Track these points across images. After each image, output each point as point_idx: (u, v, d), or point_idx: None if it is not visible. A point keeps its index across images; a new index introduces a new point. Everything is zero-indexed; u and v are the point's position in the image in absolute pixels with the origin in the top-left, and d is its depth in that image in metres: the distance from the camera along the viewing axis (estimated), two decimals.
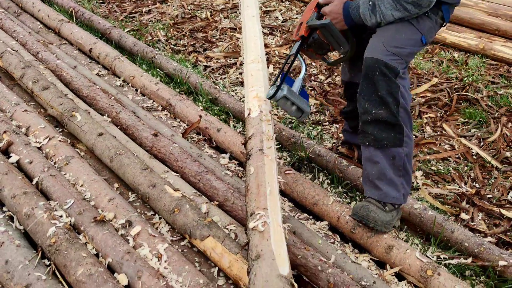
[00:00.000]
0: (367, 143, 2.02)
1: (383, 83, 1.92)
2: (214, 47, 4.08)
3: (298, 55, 2.18)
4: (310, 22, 2.12)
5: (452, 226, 2.12)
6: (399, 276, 1.95)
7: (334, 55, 3.78)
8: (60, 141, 2.35)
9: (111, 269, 1.76)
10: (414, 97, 3.42)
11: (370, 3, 1.96)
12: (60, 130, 2.63)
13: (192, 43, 4.10)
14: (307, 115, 2.18)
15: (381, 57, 1.91)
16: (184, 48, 4.02)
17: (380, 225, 1.98)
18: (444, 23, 2.11)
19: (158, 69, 3.44)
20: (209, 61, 3.84)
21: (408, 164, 2.02)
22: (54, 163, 2.26)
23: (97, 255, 1.82)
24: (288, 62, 2.16)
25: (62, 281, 1.70)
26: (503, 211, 2.36)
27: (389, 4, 1.92)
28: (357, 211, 2.01)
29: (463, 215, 2.35)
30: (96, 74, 3.31)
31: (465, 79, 3.62)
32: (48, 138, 2.37)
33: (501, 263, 1.95)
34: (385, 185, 2.00)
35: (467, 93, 3.40)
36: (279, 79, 2.16)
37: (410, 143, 2.02)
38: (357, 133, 2.54)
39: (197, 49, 4.03)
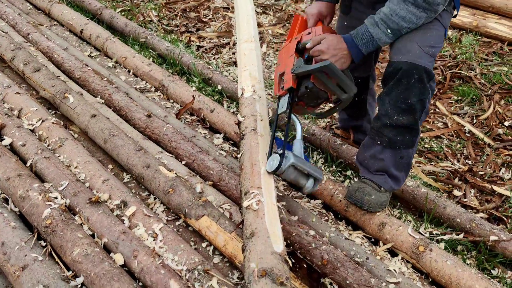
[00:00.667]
0: (378, 142, 1.94)
1: (416, 90, 1.78)
2: (207, 27, 4.05)
3: (287, 112, 1.83)
4: (298, 70, 1.77)
5: (444, 203, 2.14)
6: (392, 252, 1.98)
7: None
8: (53, 123, 2.35)
9: (107, 249, 1.77)
10: None
11: (389, 30, 1.76)
12: (53, 112, 2.61)
13: (184, 23, 4.07)
14: (319, 183, 1.84)
15: (419, 62, 1.75)
16: (176, 28, 3.99)
17: (374, 207, 1.99)
18: (456, 12, 1.97)
19: (150, 50, 3.41)
20: (202, 41, 3.82)
21: (411, 158, 2.00)
22: (48, 145, 2.26)
23: (92, 236, 1.83)
24: (278, 123, 1.84)
25: (59, 261, 1.72)
26: (495, 187, 2.39)
27: (411, 14, 1.72)
28: (352, 194, 2.01)
29: (456, 192, 2.37)
30: (88, 56, 3.29)
31: (458, 57, 3.62)
32: (41, 121, 2.36)
33: (492, 238, 1.98)
34: (385, 177, 1.99)
35: (461, 71, 3.41)
36: (275, 147, 1.84)
37: (418, 140, 1.99)
38: (358, 118, 2.53)
39: (190, 29, 4.00)
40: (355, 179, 2.36)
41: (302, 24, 2.13)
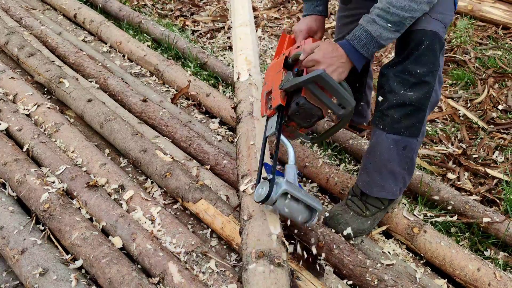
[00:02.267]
0: (380, 127, 1.72)
1: (426, 59, 1.60)
2: (202, 11, 4.02)
3: (275, 134, 1.59)
4: (287, 84, 1.54)
5: (438, 186, 2.16)
6: (387, 235, 2.01)
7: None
8: (48, 108, 2.34)
9: (105, 233, 1.79)
10: None
11: (389, 24, 1.53)
12: (48, 97, 2.61)
13: (179, 7, 4.04)
14: (319, 215, 1.62)
15: (427, 27, 1.59)
16: (171, 13, 3.96)
17: (351, 235, 1.87)
18: None
19: (145, 34, 3.39)
20: (197, 26, 3.80)
21: (414, 159, 1.79)
22: (44, 130, 2.26)
23: (91, 220, 1.84)
24: (267, 146, 1.66)
25: (58, 245, 1.73)
26: (488, 170, 2.42)
27: (411, 2, 1.50)
28: (327, 221, 1.90)
29: (450, 175, 2.40)
30: (82, 40, 3.26)
31: (453, 40, 3.62)
32: (36, 105, 2.35)
33: (485, 220, 2.01)
34: (382, 178, 1.80)
35: (455, 55, 3.41)
36: (264, 173, 1.58)
37: (424, 132, 1.77)
38: (356, 101, 2.46)
39: (184, 13, 3.97)
40: (352, 162, 2.38)
41: (290, 43, 1.93)
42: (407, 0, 1.51)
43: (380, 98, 1.71)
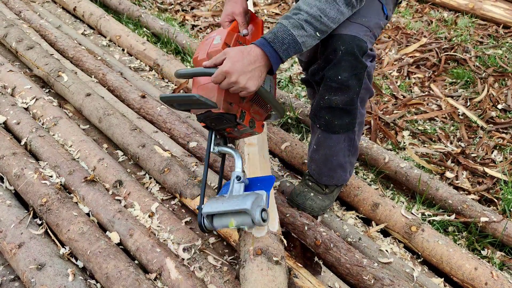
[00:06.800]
0: (318, 125, 1.75)
1: (346, 64, 1.54)
2: (202, 6, 4.00)
3: (217, 150, 1.58)
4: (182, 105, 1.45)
5: (437, 184, 2.16)
6: (385, 233, 2.01)
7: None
8: (47, 101, 2.33)
9: (103, 228, 1.78)
10: (403, 57, 3.42)
11: (318, 33, 1.45)
12: (47, 90, 2.59)
13: (179, 2, 4.02)
14: (261, 209, 1.41)
15: (343, 31, 1.53)
16: (170, 7, 3.94)
17: (317, 211, 1.94)
18: None
19: (144, 29, 3.38)
20: (197, 20, 3.78)
21: (357, 141, 1.81)
22: (42, 124, 2.25)
23: (88, 214, 1.84)
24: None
25: (55, 239, 1.73)
26: (487, 170, 2.42)
27: (340, 15, 1.47)
28: (293, 198, 1.93)
29: (448, 174, 2.40)
30: (82, 34, 3.25)
31: (453, 39, 3.61)
32: (35, 99, 2.34)
33: (483, 219, 2.01)
34: (331, 170, 1.85)
35: (456, 53, 3.41)
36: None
37: (361, 119, 1.76)
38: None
39: (184, 8, 3.96)
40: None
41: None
42: (339, 13, 1.46)
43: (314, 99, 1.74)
